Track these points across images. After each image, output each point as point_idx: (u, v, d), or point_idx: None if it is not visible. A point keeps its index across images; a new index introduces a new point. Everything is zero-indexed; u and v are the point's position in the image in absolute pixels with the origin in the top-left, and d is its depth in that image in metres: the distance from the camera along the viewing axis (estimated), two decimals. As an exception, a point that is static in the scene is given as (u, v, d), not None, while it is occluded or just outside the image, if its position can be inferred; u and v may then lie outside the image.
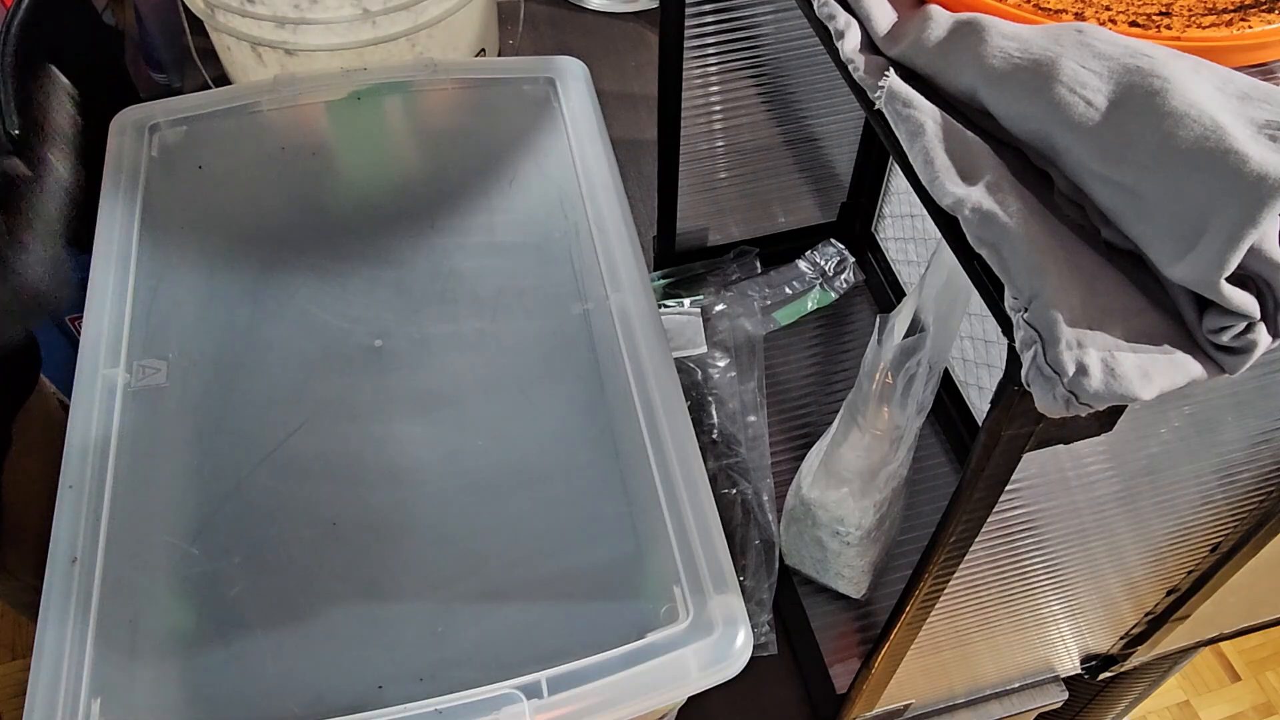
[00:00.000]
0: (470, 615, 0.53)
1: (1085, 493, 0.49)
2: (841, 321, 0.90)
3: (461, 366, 0.62)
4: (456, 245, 0.68)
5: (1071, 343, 0.33)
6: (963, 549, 0.46)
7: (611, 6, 1.22)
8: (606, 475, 0.58)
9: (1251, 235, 0.32)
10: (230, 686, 0.50)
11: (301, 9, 0.83)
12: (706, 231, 0.90)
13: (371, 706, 0.48)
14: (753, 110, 0.80)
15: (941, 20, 0.42)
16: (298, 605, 0.53)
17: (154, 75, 1.08)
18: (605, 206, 0.67)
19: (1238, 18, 0.41)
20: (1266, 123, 0.35)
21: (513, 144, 0.73)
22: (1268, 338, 0.34)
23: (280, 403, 0.60)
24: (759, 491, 0.77)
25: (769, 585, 0.73)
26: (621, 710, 0.48)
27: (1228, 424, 0.49)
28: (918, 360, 0.63)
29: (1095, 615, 0.66)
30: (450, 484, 0.58)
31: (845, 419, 0.68)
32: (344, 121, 0.75)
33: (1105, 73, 0.37)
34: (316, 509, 0.56)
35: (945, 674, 0.67)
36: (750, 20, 0.72)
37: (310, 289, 0.65)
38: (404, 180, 0.74)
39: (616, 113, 1.09)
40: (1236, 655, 1.57)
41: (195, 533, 0.55)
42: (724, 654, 0.49)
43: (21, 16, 0.77)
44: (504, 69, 0.77)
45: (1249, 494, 0.53)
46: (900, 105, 0.40)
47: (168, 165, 0.70)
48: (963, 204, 0.36)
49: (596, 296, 0.64)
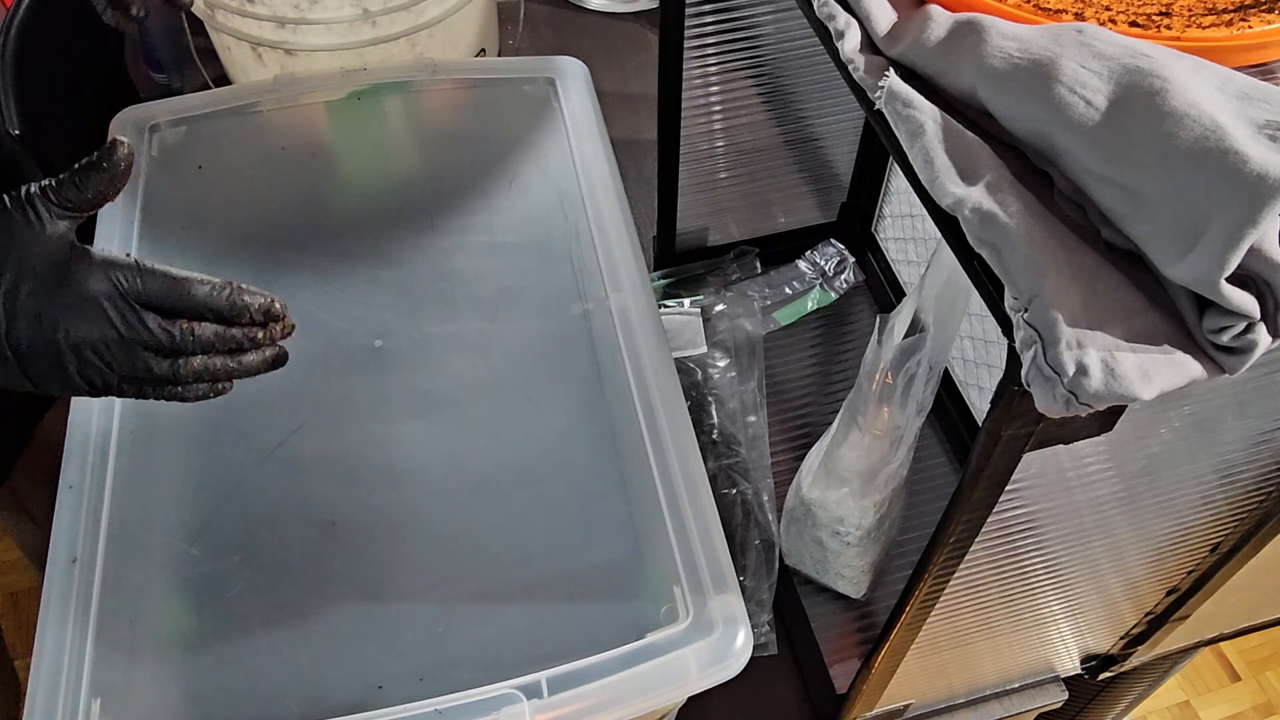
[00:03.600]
0: (470, 615, 0.53)
1: (1085, 493, 0.49)
2: (841, 321, 0.90)
3: (461, 367, 0.62)
4: (456, 245, 0.68)
5: (1071, 343, 0.33)
6: (963, 549, 0.46)
7: (611, 6, 1.22)
8: (606, 475, 0.58)
9: (1251, 235, 0.32)
10: (230, 686, 0.50)
11: (301, 9, 0.83)
12: (706, 231, 0.90)
13: (371, 706, 0.47)
14: (753, 110, 0.80)
15: (941, 20, 0.42)
16: (298, 605, 0.53)
17: (154, 75, 1.08)
18: (605, 206, 0.67)
19: (1238, 18, 0.41)
20: (1266, 123, 0.35)
21: (513, 144, 0.73)
22: (1268, 338, 0.34)
23: (280, 403, 0.60)
24: (759, 491, 0.77)
25: (769, 585, 0.73)
26: (621, 710, 0.48)
27: (1228, 424, 0.49)
28: (918, 360, 0.63)
29: (1095, 615, 0.66)
30: (450, 484, 0.58)
31: (845, 419, 0.68)
32: (344, 121, 0.75)
33: (1105, 73, 0.37)
34: (316, 509, 0.56)
35: (945, 674, 0.67)
36: (750, 20, 0.72)
37: (310, 289, 0.65)
38: (404, 180, 0.74)
39: (616, 113, 1.09)
40: (1236, 655, 1.57)
41: (195, 533, 0.55)
42: (724, 654, 0.49)
43: (21, 16, 0.77)
44: (504, 69, 0.77)
45: (1249, 494, 0.53)
46: (900, 105, 0.40)
47: (168, 165, 0.70)
48: (963, 204, 0.36)
49: (596, 297, 0.64)
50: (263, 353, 0.48)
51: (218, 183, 0.71)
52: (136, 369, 0.46)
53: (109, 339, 0.45)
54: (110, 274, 0.45)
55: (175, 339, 0.46)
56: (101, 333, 0.45)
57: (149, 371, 0.46)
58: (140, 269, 0.45)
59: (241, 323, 0.47)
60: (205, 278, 0.46)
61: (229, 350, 0.47)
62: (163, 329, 0.45)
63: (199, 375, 0.47)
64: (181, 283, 0.46)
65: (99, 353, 0.45)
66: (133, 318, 0.45)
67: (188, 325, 0.46)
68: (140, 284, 0.45)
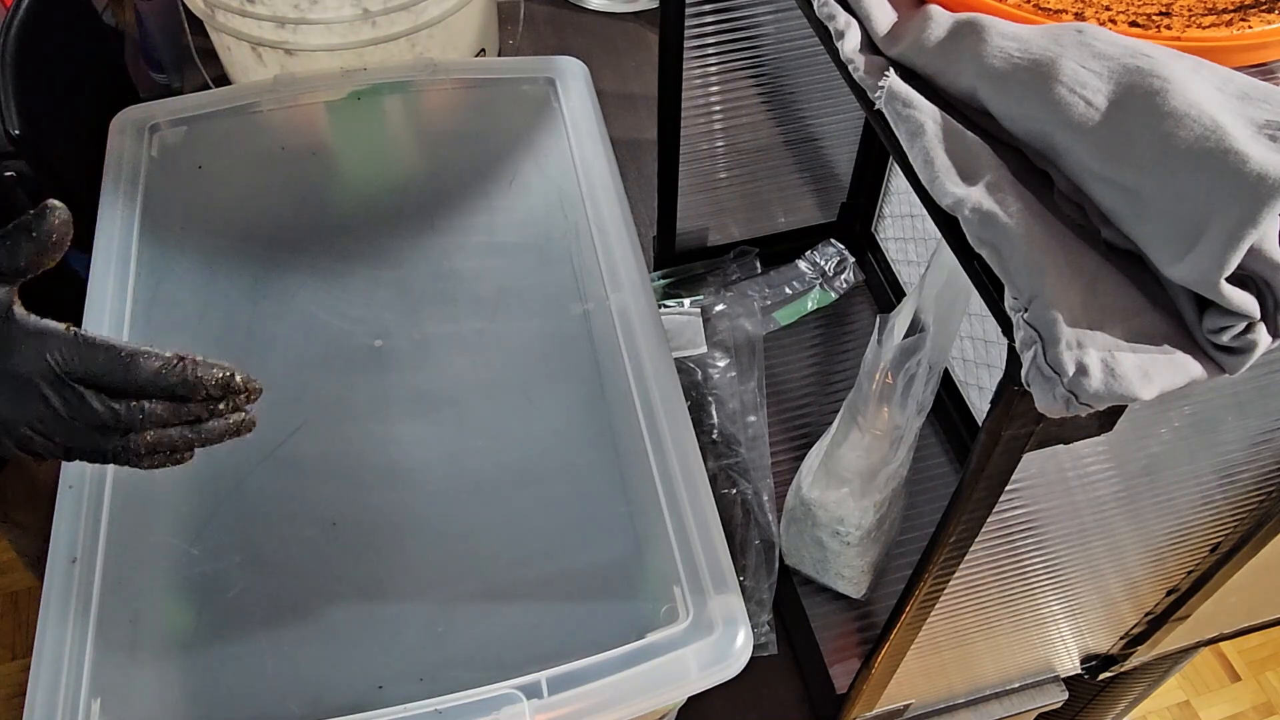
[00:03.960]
0: (470, 615, 0.53)
1: (1085, 493, 0.49)
2: (841, 321, 0.90)
3: (461, 366, 0.62)
4: (456, 245, 0.68)
5: (1071, 343, 0.33)
6: (963, 549, 0.46)
7: (611, 6, 1.22)
8: (606, 475, 0.58)
9: (1251, 235, 0.32)
10: (230, 686, 0.50)
11: (301, 9, 0.83)
12: (706, 231, 0.90)
13: (371, 706, 0.48)
14: (753, 110, 0.80)
15: (941, 20, 0.42)
16: (298, 605, 0.53)
17: (154, 75, 1.08)
18: (605, 206, 0.67)
19: (1238, 18, 0.41)
20: (1266, 123, 0.35)
21: (513, 144, 0.73)
22: (1268, 338, 0.34)
23: (280, 403, 0.60)
24: (759, 491, 0.77)
25: (769, 585, 0.73)
26: (621, 710, 0.48)
27: (1228, 424, 0.49)
28: (918, 360, 0.63)
29: (1095, 615, 0.66)
30: (450, 484, 0.58)
31: (845, 419, 0.68)
32: (344, 121, 0.75)
33: (1105, 73, 0.37)
34: (316, 509, 0.56)
35: (945, 674, 0.67)
36: (750, 20, 0.72)
37: (310, 289, 0.65)
38: (404, 180, 0.74)
39: (616, 113, 1.09)
40: (1236, 655, 1.57)
41: (195, 533, 0.55)
42: (724, 654, 0.49)
43: (21, 16, 0.77)
44: (504, 69, 0.77)
45: (1249, 494, 0.53)
46: (900, 105, 0.40)
47: (168, 165, 0.70)
48: (963, 204, 0.36)
49: (596, 297, 0.64)
50: (226, 420, 0.44)
51: (218, 183, 0.71)
52: (81, 444, 0.42)
53: (46, 417, 0.41)
54: (47, 351, 0.41)
55: (121, 418, 0.41)
56: (37, 411, 0.41)
57: (96, 446, 0.42)
58: (80, 343, 0.41)
59: (197, 399, 0.43)
60: (153, 351, 0.42)
61: (186, 421, 0.43)
62: (107, 408, 0.41)
63: (153, 449, 0.42)
64: (126, 360, 0.41)
65: (37, 430, 0.41)
66: (72, 397, 0.41)
67: (136, 404, 0.41)
68: (79, 361, 0.41)
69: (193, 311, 0.63)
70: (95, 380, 0.41)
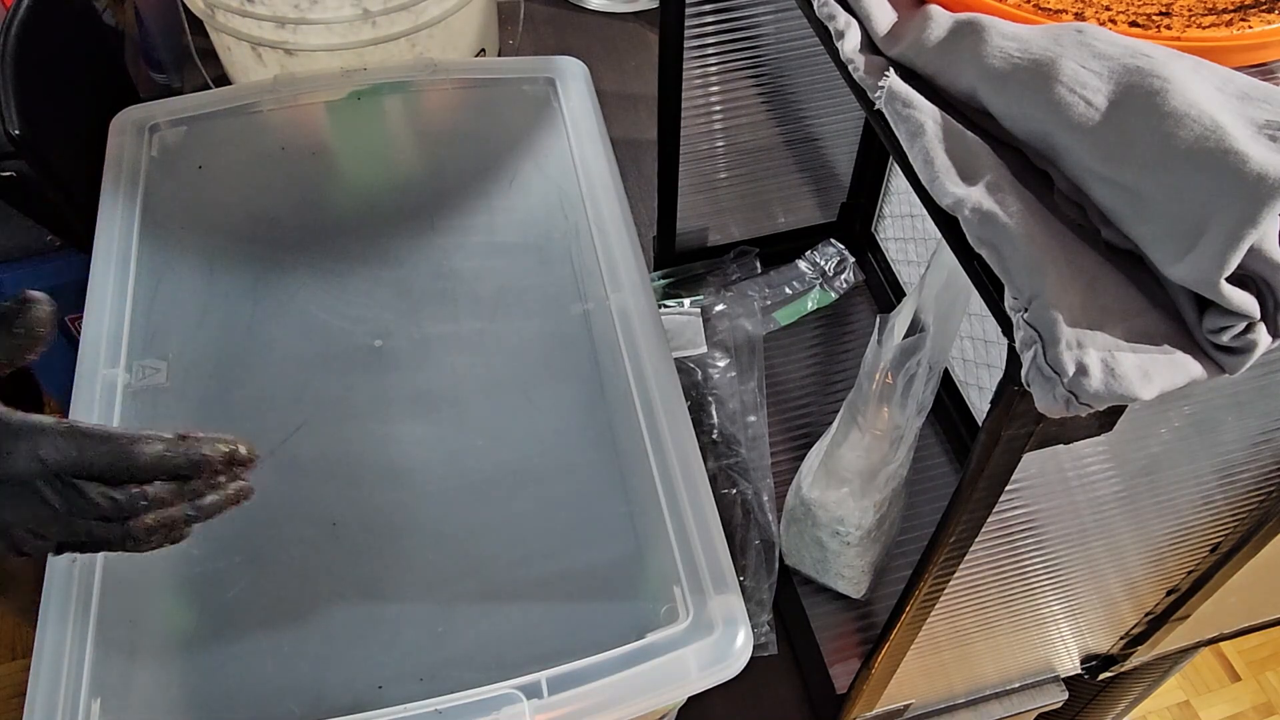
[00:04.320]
0: (470, 615, 0.53)
1: (1085, 493, 0.49)
2: (841, 321, 0.90)
3: (461, 366, 0.62)
4: (456, 245, 0.68)
5: (1071, 343, 0.33)
6: (963, 549, 0.46)
7: (611, 6, 1.22)
8: (606, 475, 0.58)
9: (1251, 235, 0.32)
10: (230, 686, 0.50)
11: (301, 9, 0.83)
12: (706, 231, 0.90)
13: (371, 706, 0.48)
14: (753, 110, 0.80)
15: (941, 20, 0.42)
16: (298, 605, 0.53)
17: (154, 75, 1.08)
18: (605, 206, 0.67)
19: (1238, 18, 0.41)
20: (1266, 123, 0.35)
21: (513, 144, 0.73)
22: (1268, 338, 0.34)
23: (280, 403, 0.60)
24: (759, 491, 0.77)
25: (769, 585, 0.73)
26: (621, 710, 0.48)
27: (1228, 424, 0.49)
28: (918, 360, 0.63)
29: (1095, 615, 0.66)
30: (450, 484, 0.58)
31: (845, 419, 0.68)
32: (344, 121, 0.75)
33: (1105, 73, 0.37)
34: (316, 509, 0.56)
35: (945, 674, 0.67)
36: (750, 20, 0.72)
37: (310, 289, 0.65)
38: (404, 180, 0.74)
39: (616, 113, 1.09)
40: (1236, 655, 1.57)
41: (195, 533, 0.55)
42: (724, 654, 0.49)
43: (21, 16, 0.77)
44: (504, 69, 0.77)
45: (1249, 494, 0.53)
46: (900, 105, 0.40)
47: (168, 165, 0.70)
48: (963, 204, 0.36)
49: (596, 297, 0.64)
50: (225, 491, 0.42)
51: (218, 183, 0.71)
52: (77, 537, 0.40)
53: (43, 517, 0.39)
54: (39, 449, 0.38)
55: (123, 506, 0.39)
56: (34, 511, 0.38)
57: (90, 536, 0.40)
58: (76, 435, 0.39)
59: (202, 476, 0.41)
60: (154, 435, 0.40)
61: (186, 498, 0.41)
62: (107, 498, 0.39)
63: (152, 531, 0.41)
64: (127, 447, 0.39)
65: (32, 529, 0.39)
66: (71, 493, 0.38)
67: (138, 490, 0.39)
68: (76, 454, 0.38)
69: (193, 311, 0.63)
70: (94, 472, 0.39)
